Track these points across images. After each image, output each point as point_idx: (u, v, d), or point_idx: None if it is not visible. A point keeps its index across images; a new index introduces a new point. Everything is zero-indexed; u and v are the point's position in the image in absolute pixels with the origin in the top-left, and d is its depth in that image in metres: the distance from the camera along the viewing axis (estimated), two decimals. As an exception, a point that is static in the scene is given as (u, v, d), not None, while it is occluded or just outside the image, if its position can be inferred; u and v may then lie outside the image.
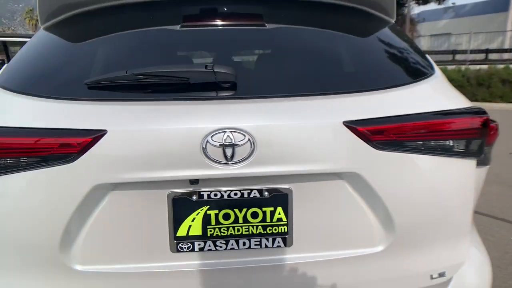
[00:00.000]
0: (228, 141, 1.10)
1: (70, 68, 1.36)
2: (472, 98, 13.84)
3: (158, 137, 1.10)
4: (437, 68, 1.44)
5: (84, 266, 1.19)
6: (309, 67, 1.38)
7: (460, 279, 1.36)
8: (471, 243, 1.41)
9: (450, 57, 20.16)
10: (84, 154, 1.08)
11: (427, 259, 1.33)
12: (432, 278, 1.33)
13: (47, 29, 1.53)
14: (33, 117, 1.12)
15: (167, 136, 1.10)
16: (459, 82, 13.84)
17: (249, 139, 1.11)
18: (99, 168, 1.10)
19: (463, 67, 14.71)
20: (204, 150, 1.10)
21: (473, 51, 19.81)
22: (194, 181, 1.16)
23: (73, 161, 1.08)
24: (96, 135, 1.07)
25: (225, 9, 1.51)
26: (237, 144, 1.10)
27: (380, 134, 1.17)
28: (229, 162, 1.10)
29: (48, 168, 1.08)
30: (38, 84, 1.27)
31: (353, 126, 1.15)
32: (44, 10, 1.53)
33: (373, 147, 1.16)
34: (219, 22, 1.47)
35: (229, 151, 1.10)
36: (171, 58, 1.51)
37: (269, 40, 1.53)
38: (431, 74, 1.37)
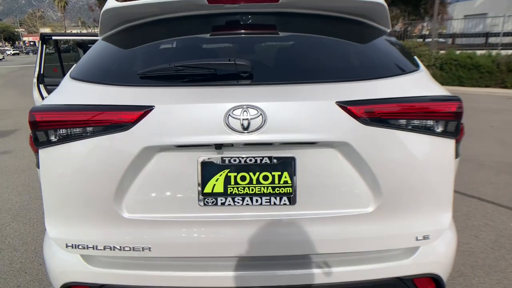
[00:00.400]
0: (244, 115, 1.40)
1: (124, 64, 1.80)
2: (501, 84, 13.49)
3: (192, 111, 1.42)
4: (422, 66, 1.75)
5: (131, 214, 1.51)
6: (310, 62, 1.75)
7: (428, 248, 1.58)
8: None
9: (483, 40, 19.37)
10: (137, 124, 1.41)
11: (412, 223, 1.55)
12: (417, 239, 1.55)
13: (105, 39, 1.97)
14: (99, 98, 1.50)
15: (199, 111, 1.42)
16: (488, 68, 13.42)
17: (261, 114, 1.41)
18: (148, 134, 1.42)
19: (494, 52, 14.25)
20: (227, 121, 1.40)
21: (506, 34, 18.67)
22: (218, 147, 1.46)
23: (128, 129, 1.41)
24: (146, 110, 1.41)
25: (245, 21, 1.88)
26: (252, 117, 1.40)
27: (366, 112, 1.43)
28: (245, 131, 1.40)
29: (109, 135, 1.42)
30: (102, 75, 1.68)
31: (343, 105, 1.43)
32: (104, 26, 1.96)
33: (361, 122, 1.43)
34: (239, 31, 1.85)
35: (245, 123, 1.39)
36: (202, 55, 1.89)
37: (279, 43, 1.89)
38: (415, 70, 1.67)
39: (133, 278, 1.53)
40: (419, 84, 1.59)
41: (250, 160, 1.49)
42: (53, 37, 5.03)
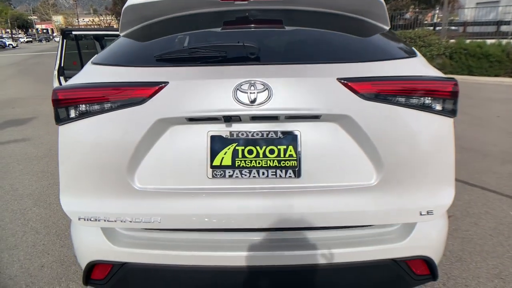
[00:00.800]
0: (252, 89, 1.49)
1: (143, 51, 1.96)
2: (510, 74, 13.31)
3: (203, 86, 1.52)
4: (419, 54, 1.84)
5: (142, 186, 1.60)
6: (313, 47, 1.87)
7: (420, 233, 1.68)
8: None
9: (494, 28, 19.07)
10: (152, 98, 1.52)
11: (416, 197, 1.60)
12: (421, 214, 1.61)
13: (125, 35, 2.12)
14: (118, 77, 1.63)
15: (209, 86, 1.52)
16: (498, 57, 13.26)
17: (267, 88, 1.50)
18: (161, 107, 1.52)
19: (504, 41, 14.06)
20: (235, 95, 1.49)
21: (517, 22, 18.47)
22: (227, 120, 1.54)
23: (144, 103, 1.52)
24: (161, 85, 1.52)
25: (254, 16, 2.01)
26: (259, 91, 1.49)
27: (366, 88, 1.52)
28: (252, 105, 1.49)
29: (126, 109, 1.53)
30: (121, 60, 1.82)
31: (344, 81, 1.52)
32: (125, 23, 2.12)
33: (361, 97, 1.51)
34: (249, 25, 1.99)
35: (252, 96, 1.48)
36: (214, 41, 2.00)
37: (285, 32, 2.00)
38: (412, 56, 1.77)
39: (153, 257, 1.66)
40: (416, 66, 1.69)
41: (257, 134, 1.59)
42: (73, 32, 5.29)
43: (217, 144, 1.59)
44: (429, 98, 1.54)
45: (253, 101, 1.49)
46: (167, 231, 1.74)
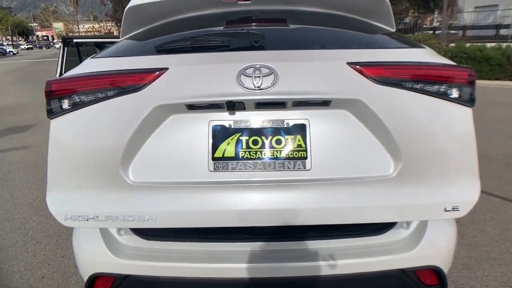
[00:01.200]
0: (257, 73, 1.41)
1: (144, 45, 1.93)
2: (511, 77, 13.37)
3: (205, 72, 1.46)
4: (427, 47, 1.79)
5: (137, 179, 1.49)
6: (320, 36, 1.84)
7: (429, 242, 1.63)
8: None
9: (493, 32, 19.08)
10: (150, 85, 1.44)
11: (439, 191, 1.48)
12: (446, 210, 1.48)
13: (127, 39, 2.10)
14: (115, 66, 1.55)
15: (212, 71, 1.46)
16: (498, 61, 13.29)
17: (272, 72, 1.42)
18: (160, 94, 1.44)
19: (504, 45, 14.09)
20: (239, 80, 1.41)
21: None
22: (230, 107, 1.44)
23: (141, 89, 1.44)
24: (160, 71, 1.45)
25: (258, 15, 1.99)
26: (264, 75, 1.41)
27: (378, 72, 1.44)
28: (257, 89, 1.40)
29: (122, 97, 1.45)
30: (121, 53, 1.79)
31: (354, 65, 1.44)
32: (126, 27, 2.11)
33: (373, 82, 1.43)
34: (252, 24, 1.93)
35: (257, 80, 1.40)
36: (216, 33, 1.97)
37: (290, 24, 1.97)
38: (421, 47, 1.71)
39: (156, 269, 1.62)
40: (428, 56, 1.60)
41: (263, 124, 1.50)
42: (74, 40, 5.31)
43: (219, 134, 1.50)
44: (446, 85, 1.46)
45: (258, 86, 1.41)
46: (169, 241, 1.70)
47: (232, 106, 1.45)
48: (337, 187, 1.48)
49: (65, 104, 1.49)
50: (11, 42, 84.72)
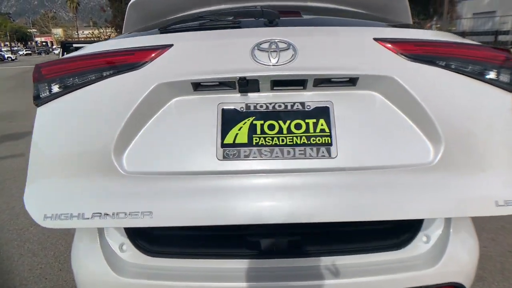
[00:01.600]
0: (273, 47, 1.27)
1: (144, 33, 1.77)
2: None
3: (215, 47, 1.33)
4: None
5: (132, 169, 1.31)
6: (341, 18, 1.74)
7: (452, 257, 1.52)
8: (464, 229, 1.54)
9: (492, 38, 19.09)
10: (152, 62, 1.30)
11: (489, 182, 1.29)
12: (498, 205, 1.27)
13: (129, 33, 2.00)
14: (119, 45, 1.40)
15: (222, 47, 1.33)
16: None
17: (291, 46, 1.28)
18: (163, 71, 1.30)
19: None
20: (252, 54, 1.27)
21: (515, 32, 18.57)
22: (243, 85, 1.28)
23: (142, 67, 1.30)
24: (164, 48, 1.31)
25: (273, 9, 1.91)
26: (282, 49, 1.27)
27: (409, 48, 1.31)
28: (273, 64, 1.26)
29: (118, 76, 1.30)
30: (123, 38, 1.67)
31: (382, 41, 1.31)
32: (129, 23, 2.01)
33: (404, 58, 1.29)
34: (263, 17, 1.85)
35: (274, 55, 1.27)
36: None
37: (307, 16, 1.86)
38: (449, 32, 1.64)
39: None
40: (457, 38, 1.47)
41: (279, 106, 1.34)
42: (74, 45, 5.28)
43: (229, 118, 1.33)
44: (482, 66, 1.33)
45: (275, 61, 1.27)
46: (176, 259, 1.60)
47: (245, 85, 1.29)
48: (369, 176, 1.29)
49: (55, 88, 1.34)
50: (9, 48, 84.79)
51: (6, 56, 55.09)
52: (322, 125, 1.33)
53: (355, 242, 1.59)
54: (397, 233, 1.62)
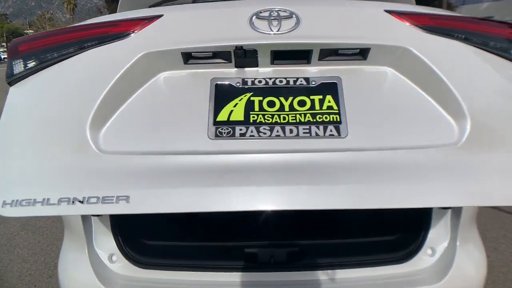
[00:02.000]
0: (274, 15, 1.18)
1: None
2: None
3: (209, 16, 1.24)
4: None
5: (110, 147, 1.15)
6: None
7: (459, 271, 1.45)
8: (471, 241, 1.51)
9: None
10: (139, 32, 1.20)
11: None
12: None
13: None
14: (106, 18, 1.33)
15: (217, 15, 1.24)
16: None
17: (294, 15, 1.19)
18: (151, 40, 1.20)
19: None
20: (251, 23, 1.17)
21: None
22: (240, 55, 1.17)
23: (128, 36, 1.20)
24: (154, 19, 1.22)
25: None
26: (283, 17, 1.18)
27: (423, 20, 1.21)
28: (274, 32, 1.16)
29: (101, 46, 1.20)
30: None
31: (394, 13, 1.21)
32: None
33: (420, 29, 1.19)
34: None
35: (274, 23, 1.17)
36: None
37: None
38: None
39: None
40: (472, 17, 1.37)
41: (280, 82, 1.22)
42: None
43: (224, 94, 1.20)
44: (500, 41, 1.20)
45: (276, 30, 1.16)
46: (169, 271, 1.51)
47: (242, 56, 1.17)
48: (385, 159, 1.12)
49: (31, 63, 1.22)
50: (5, 49, 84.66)
51: (2, 57, 54.90)
52: (329, 101, 1.19)
53: (357, 254, 1.52)
54: (401, 245, 1.55)
